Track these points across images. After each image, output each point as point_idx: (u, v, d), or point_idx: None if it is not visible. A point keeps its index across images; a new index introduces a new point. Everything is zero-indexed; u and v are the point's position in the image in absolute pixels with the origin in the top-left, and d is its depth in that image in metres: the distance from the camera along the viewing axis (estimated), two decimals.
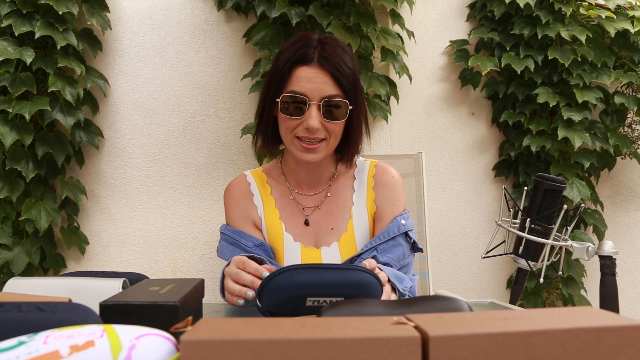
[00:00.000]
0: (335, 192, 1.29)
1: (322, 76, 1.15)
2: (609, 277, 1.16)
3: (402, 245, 1.23)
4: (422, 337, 0.45)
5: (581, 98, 2.19)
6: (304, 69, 1.15)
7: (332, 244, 1.24)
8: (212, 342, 0.43)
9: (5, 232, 1.91)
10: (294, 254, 1.22)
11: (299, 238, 1.24)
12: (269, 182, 1.31)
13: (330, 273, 0.84)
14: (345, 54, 1.19)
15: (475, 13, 2.33)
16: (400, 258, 1.22)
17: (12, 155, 1.90)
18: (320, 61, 1.15)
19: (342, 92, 1.16)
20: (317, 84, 1.14)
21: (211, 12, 2.17)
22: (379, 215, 1.27)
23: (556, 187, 1.16)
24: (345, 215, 1.26)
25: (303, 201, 1.27)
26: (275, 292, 0.84)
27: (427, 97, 2.33)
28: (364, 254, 1.21)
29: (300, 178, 1.28)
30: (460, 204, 2.34)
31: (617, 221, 2.42)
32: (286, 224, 1.25)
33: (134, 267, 2.14)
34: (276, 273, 0.84)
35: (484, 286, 2.36)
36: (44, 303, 0.58)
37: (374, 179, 1.29)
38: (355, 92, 1.19)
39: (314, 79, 1.14)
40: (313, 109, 1.14)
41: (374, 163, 1.33)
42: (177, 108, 2.16)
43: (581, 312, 0.52)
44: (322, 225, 1.25)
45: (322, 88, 1.14)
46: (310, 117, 1.14)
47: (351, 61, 1.19)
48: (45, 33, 1.88)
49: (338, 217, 1.26)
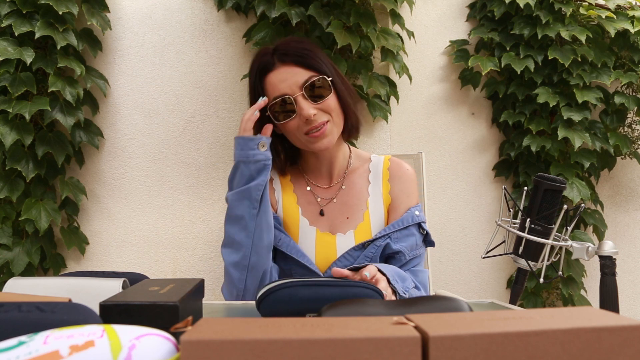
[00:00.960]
0: (350, 184, 1.33)
1: (288, 70, 1.19)
2: (609, 277, 1.16)
3: (414, 236, 1.26)
4: (422, 337, 0.45)
5: (581, 98, 2.19)
6: (271, 75, 1.21)
7: (347, 232, 1.27)
8: (212, 342, 0.43)
9: (5, 232, 1.91)
10: (308, 238, 1.26)
11: (314, 223, 1.28)
12: (288, 171, 1.37)
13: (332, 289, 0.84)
14: (300, 42, 1.24)
15: (475, 13, 2.33)
16: (413, 248, 1.25)
17: (12, 155, 1.90)
18: (281, 59, 1.20)
19: (314, 71, 1.20)
20: (290, 79, 1.19)
21: (211, 12, 2.17)
22: (394, 206, 1.31)
23: (556, 187, 1.16)
24: (361, 205, 1.30)
25: (319, 193, 1.33)
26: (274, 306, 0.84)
27: (427, 97, 2.33)
28: (377, 240, 1.24)
29: (317, 173, 1.34)
30: (460, 204, 2.34)
31: (617, 221, 2.42)
32: (303, 209, 1.30)
33: (134, 267, 2.14)
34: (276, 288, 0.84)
35: (484, 286, 2.36)
36: (44, 303, 0.58)
37: (389, 171, 1.34)
38: (326, 65, 1.23)
39: (284, 76, 1.19)
40: (300, 101, 1.18)
41: (388, 157, 1.38)
42: (177, 108, 2.16)
43: (581, 312, 0.52)
44: (337, 214, 1.30)
45: (295, 79, 1.19)
46: (302, 109, 1.18)
47: (308, 44, 1.24)
48: (45, 33, 1.88)
49: (354, 207, 1.30)
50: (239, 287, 1.17)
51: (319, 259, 1.24)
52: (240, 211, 1.16)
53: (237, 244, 1.16)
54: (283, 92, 1.19)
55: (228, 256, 1.17)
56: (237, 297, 1.18)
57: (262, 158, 1.17)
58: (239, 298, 1.18)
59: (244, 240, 1.16)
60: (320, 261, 1.24)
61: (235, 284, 1.17)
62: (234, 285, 1.17)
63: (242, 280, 1.16)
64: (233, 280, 1.16)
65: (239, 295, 1.18)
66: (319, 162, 1.33)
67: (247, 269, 1.15)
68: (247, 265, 1.15)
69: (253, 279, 1.16)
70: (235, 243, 1.16)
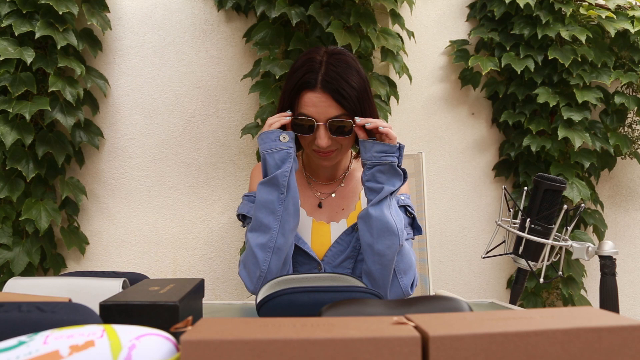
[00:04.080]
0: (349, 182, 1.42)
1: (325, 100, 1.23)
2: (609, 277, 1.16)
3: (402, 216, 1.29)
4: (422, 337, 0.45)
5: (581, 98, 2.19)
6: (309, 94, 1.24)
7: (340, 220, 1.36)
8: (212, 342, 0.43)
9: (6, 232, 1.91)
10: (305, 227, 1.34)
11: (311, 214, 1.36)
12: None
13: (331, 295, 0.85)
14: (350, 69, 1.26)
15: (475, 13, 2.33)
16: None
17: (13, 155, 1.90)
18: (323, 85, 1.23)
19: (346, 111, 1.24)
20: (322, 108, 1.23)
21: (211, 12, 2.17)
22: None
23: (556, 187, 1.16)
24: (355, 197, 1.39)
25: (318, 188, 1.40)
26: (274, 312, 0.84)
27: (427, 97, 2.33)
28: None
29: (318, 170, 1.41)
30: (460, 204, 2.34)
31: (617, 221, 2.42)
32: (302, 201, 1.37)
33: (134, 267, 2.14)
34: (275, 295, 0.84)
35: (484, 286, 2.36)
36: (44, 303, 0.58)
37: None
38: (361, 106, 1.26)
39: (318, 103, 1.23)
40: (321, 130, 1.24)
41: None
42: (177, 108, 2.16)
43: (581, 312, 0.52)
44: (334, 207, 1.38)
45: (327, 111, 1.23)
46: (319, 138, 1.24)
47: (357, 76, 1.26)
48: (46, 33, 1.88)
49: (348, 199, 1.38)
50: (262, 268, 1.21)
51: (315, 245, 1.32)
52: (269, 196, 1.23)
53: (264, 227, 1.23)
54: (310, 114, 1.24)
55: (255, 239, 1.24)
56: (259, 279, 1.22)
57: (283, 147, 1.24)
58: (260, 280, 1.22)
59: (272, 222, 1.22)
60: (315, 247, 1.32)
61: (260, 264, 1.22)
62: (258, 266, 1.22)
63: (266, 262, 1.22)
64: (258, 261, 1.22)
65: (261, 277, 1.22)
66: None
67: (273, 250, 1.22)
68: (273, 247, 1.22)
69: (277, 261, 1.22)
70: (263, 226, 1.23)
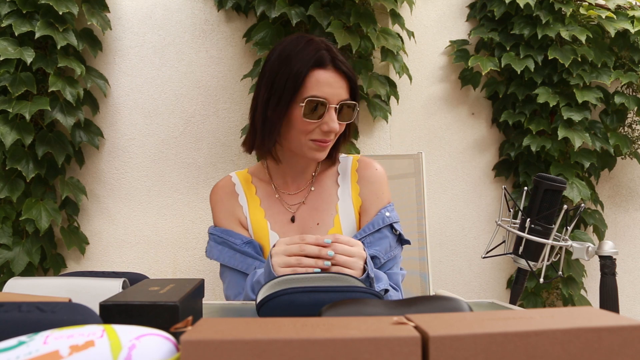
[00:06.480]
0: (319, 186, 1.30)
1: (339, 80, 1.17)
2: (609, 277, 1.16)
3: (388, 238, 1.24)
4: (422, 337, 0.45)
5: (581, 98, 2.19)
6: (322, 72, 1.16)
7: None
8: (212, 342, 0.43)
9: (6, 232, 1.91)
10: None
11: (284, 235, 1.24)
12: (254, 183, 1.33)
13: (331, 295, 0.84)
14: (345, 58, 1.23)
15: (475, 13, 2.33)
16: (387, 250, 1.23)
17: (12, 155, 1.90)
18: (335, 63, 1.17)
19: (352, 95, 1.20)
20: (336, 89, 1.16)
21: (211, 12, 2.17)
22: (364, 208, 1.28)
23: (556, 187, 1.16)
24: (331, 210, 1.27)
25: (288, 199, 1.29)
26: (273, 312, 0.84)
27: (427, 97, 2.33)
28: None
29: (286, 177, 1.29)
30: (460, 204, 2.34)
31: (617, 221, 2.42)
32: (271, 222, 1.26)
33: (134, 267, 2.13)
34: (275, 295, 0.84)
35: (484, 286, 2.36)
36: (44, 303, 0.58)
37: (358, 173, 1.31)
38: (358, 94, 1.23)
39: (334, 83, 1.16)
40: (332, 112, 1.16)
41: (357, 158, 1.35)
42: (177, 108, 2.16)
43: (581, 312, 0.52)
44: (308, 220, 1.27)
45: (340, 92, 1.17)
46: (331, 120, 1.16)
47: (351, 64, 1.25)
48: (45, 33, 1.88)
49: (324, 213, 1.27)
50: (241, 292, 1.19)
51: None
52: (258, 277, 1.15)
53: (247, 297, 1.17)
54: (324, 95, 1.15)
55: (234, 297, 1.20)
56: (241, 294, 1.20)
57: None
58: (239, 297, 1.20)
59: None
60: None
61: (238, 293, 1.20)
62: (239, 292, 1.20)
63: None
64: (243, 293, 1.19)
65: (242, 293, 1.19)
66: (292, 165, 1.28)
67: None
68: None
69: None
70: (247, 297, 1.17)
